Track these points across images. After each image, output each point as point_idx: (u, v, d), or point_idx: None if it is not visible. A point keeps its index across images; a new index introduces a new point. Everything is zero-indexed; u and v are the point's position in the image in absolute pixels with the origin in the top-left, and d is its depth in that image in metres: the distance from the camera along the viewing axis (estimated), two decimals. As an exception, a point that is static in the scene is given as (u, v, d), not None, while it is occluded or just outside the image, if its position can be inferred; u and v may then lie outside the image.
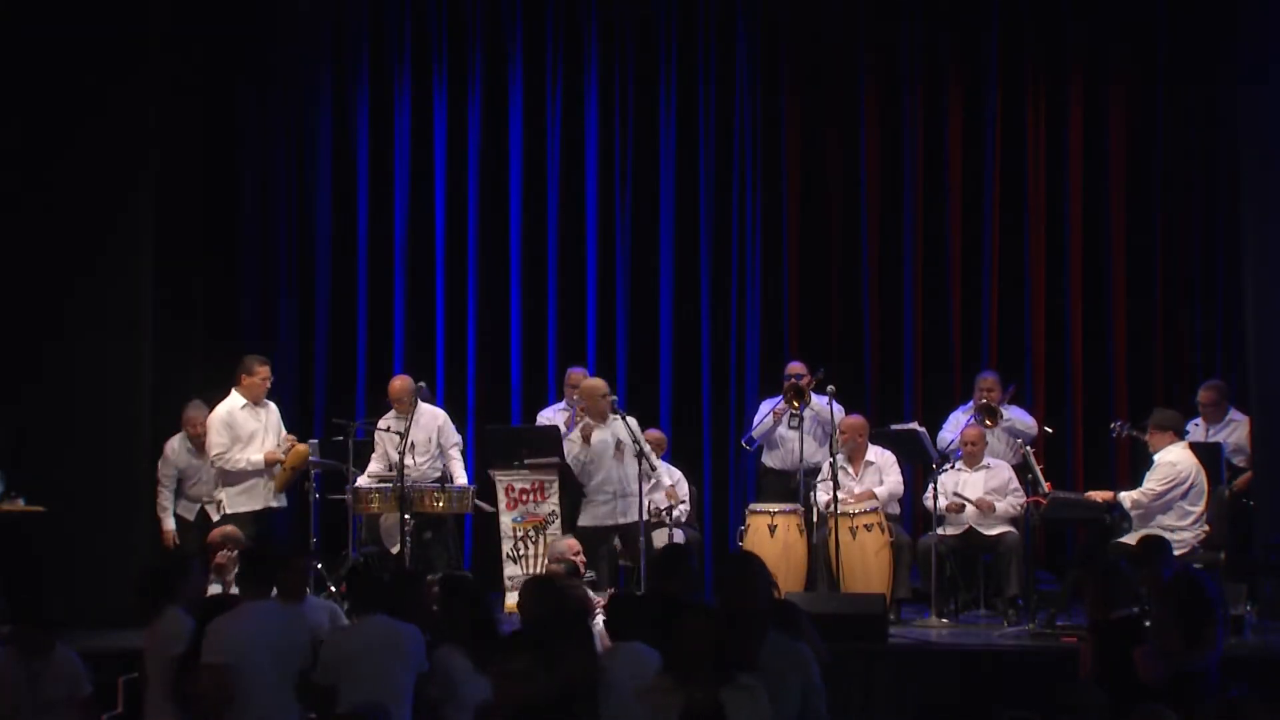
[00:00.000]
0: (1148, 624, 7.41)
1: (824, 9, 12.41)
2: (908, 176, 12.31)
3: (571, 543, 9.52)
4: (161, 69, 10.94)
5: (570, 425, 10.97)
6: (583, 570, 9.17)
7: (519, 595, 7.45)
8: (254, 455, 10.30)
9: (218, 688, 6.30)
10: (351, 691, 6.25)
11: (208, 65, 11.72)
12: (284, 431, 10.58)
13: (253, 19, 12.16)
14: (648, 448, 10.31)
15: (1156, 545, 8.42)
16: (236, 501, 10.28)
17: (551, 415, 11.39)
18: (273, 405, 10.61)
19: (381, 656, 6.35)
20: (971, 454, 10.61)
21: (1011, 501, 10.45)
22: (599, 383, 10.60)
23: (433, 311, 12.49)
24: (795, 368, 11.22)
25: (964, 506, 10.40)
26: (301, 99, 12.49)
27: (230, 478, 10.28)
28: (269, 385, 10.50)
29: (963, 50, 12.34)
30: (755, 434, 11.26)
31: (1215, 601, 7.46)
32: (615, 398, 10.54)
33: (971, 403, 11.17)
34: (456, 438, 11.03)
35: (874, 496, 10.45)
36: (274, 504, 10.47)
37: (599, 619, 6.93)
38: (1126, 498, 9.85)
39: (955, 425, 11.13)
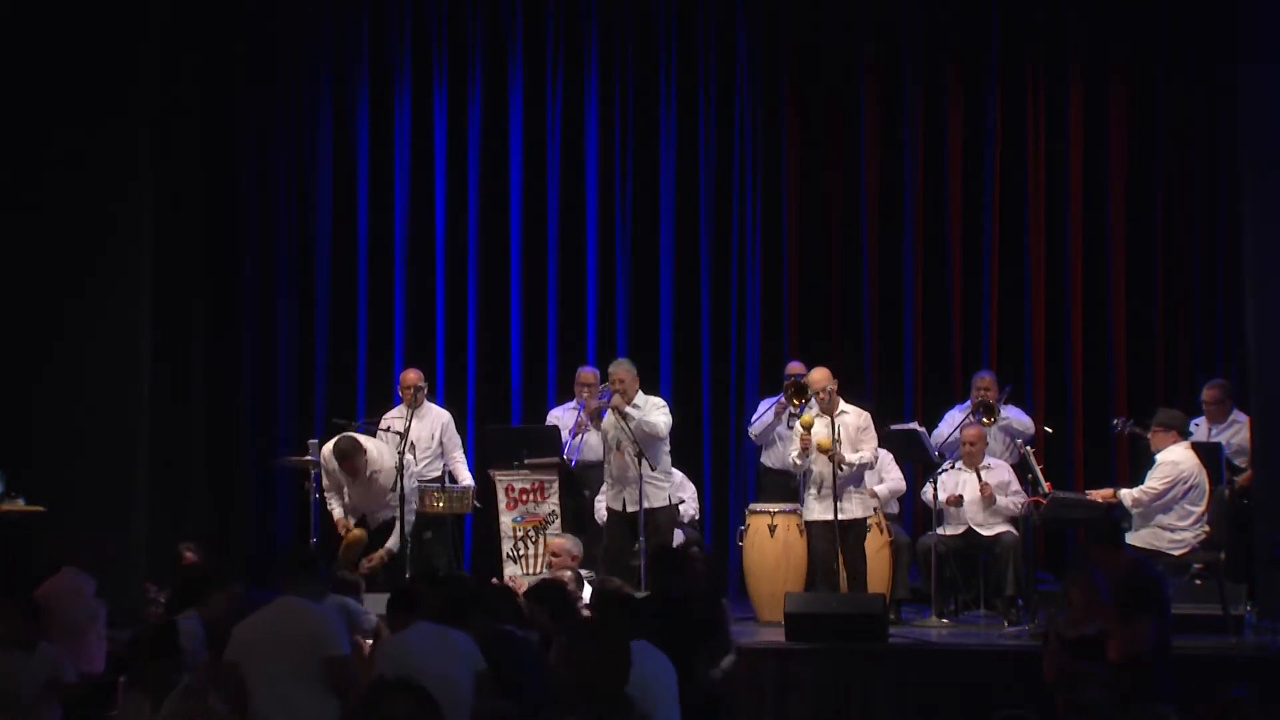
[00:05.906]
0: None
1: (824, 7, 12.42)
2: (908, 176, 12.31)
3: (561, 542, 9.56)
4: (162, 71, 10.94)
5: (576, 424, 10.96)
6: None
7: (526, 600, 7.42)
8: (336, 511, 10.29)
9: (229, 686, 6.38)
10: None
11: (208, 65, 11.75)
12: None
13: (252, 21, 12.16)
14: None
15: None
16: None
17: (561, 414, 11.39)
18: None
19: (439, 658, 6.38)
20: (971, 454, 10.59)
21: (1012, 500, 10.45)
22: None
23: (433, 311, 12.49)
24: (795, 367, 11.21)
25: (962, 499, 10.39)
26: (301, 100, 12.48)
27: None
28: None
29: (963, 50, 12.34)
30: (756, 428, 11.22)
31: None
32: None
33: (969, 402, 11.16)
34: (458, 439, 11.04)
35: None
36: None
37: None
38: (1127, 496, 9.81)
39: (952, 423, 11.13)
